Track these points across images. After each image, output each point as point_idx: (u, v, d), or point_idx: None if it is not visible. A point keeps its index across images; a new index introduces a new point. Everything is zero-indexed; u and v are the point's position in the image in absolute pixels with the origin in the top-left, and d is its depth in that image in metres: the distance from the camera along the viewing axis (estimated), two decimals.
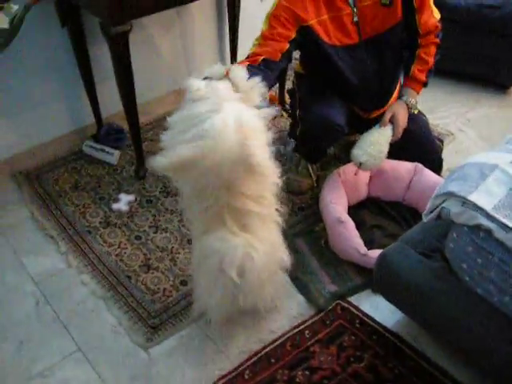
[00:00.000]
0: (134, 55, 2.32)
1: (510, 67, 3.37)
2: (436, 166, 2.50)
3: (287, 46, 2.10)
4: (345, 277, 2.19)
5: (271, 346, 1.97)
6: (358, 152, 2.29)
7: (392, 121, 2.32)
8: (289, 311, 2.09)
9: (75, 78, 2.73)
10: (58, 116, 2.84)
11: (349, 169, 2.40)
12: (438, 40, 2.33)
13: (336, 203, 2.26)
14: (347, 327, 2.02)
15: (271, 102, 3.13)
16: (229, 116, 1.60)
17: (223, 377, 1.89)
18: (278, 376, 1.87)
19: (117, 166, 2.75)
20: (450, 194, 1.65)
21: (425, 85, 2.39)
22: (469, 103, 3.36)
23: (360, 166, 2.29)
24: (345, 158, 2.72)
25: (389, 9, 2.21)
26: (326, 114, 2.23)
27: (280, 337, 2.00)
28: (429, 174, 2.41)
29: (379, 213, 2.43)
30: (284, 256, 1.95)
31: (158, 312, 2.07)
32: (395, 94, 2.49)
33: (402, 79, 2.46)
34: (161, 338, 2.00)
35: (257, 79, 1.76)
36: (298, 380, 1.86)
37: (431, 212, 1.75)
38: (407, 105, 2.36)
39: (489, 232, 1.56)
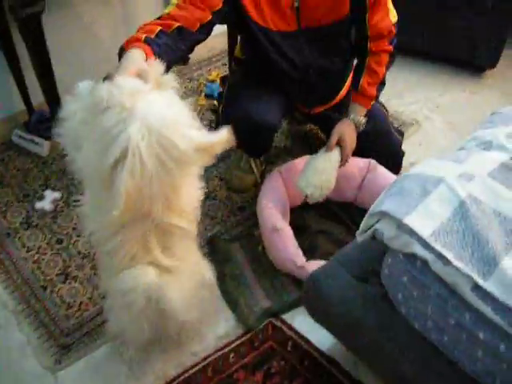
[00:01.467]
0: (63, 39, 1.96)
1: (487, 47, 2.90)
2: (394, 163, 2.17)
3: (209, 17, 1.70)
4: (280, 290, 1.87)
5: (190, 371, 1.68)
6: (302, 183, 1.91)
7: (339, 143, 1.93)
8: (215, 330, 1.78)
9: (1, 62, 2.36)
10: None
11: (293, 166, 2.08)
12: (391, 47, 1.92)
13: (272, 207, 1.93)
14: (277, 350, 1.72)
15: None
16: (142, 122, 1.21)
17: None
18: None
19: (47, 157, 2.38)
20: (384, 214, 1.34)
21: (375, 99, 2.00)
22: (439, 87, 2.95)
23: (306, 197, 1.92)
24: (296, 150, 2.40)
25: (335, 0, 1.82)
26: (249, 110, 1.89)
27: (201, 360, 1.70)
28: (383, 172, 2.08)
29: (327, 215, 2.09)
30: (206, 274, 1.65)
31: (71, 329, 1.77)
32: (343, 92, 2.13)
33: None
34: (71, 359, 1.71)
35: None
36: None
37: (365, 231, 1.45)
38: (355, 124, 1.95)
39: (425, 262, 1.26)
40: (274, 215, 1.91)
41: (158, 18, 1.66)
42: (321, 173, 1.90)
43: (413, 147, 2.45)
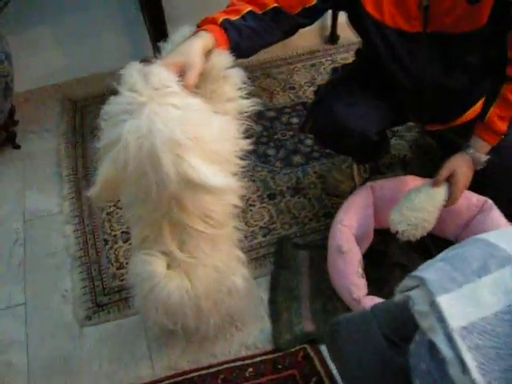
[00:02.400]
0: None
1: None
2: None
3: (314, 0, 1.40)
4: (330, 317, 1.60)
5: (202, 372, 1.52)
6: (395, 217, 1.57)
7: (450, 179, 1.55)
8: (244, 337, 1.59)
9: (138, 14, 2.32)
10: (117, 49, 2.47)
11: (392, 184, 1.76)
12: None
13: (346, 225, 1.64)
14: (298, 382, 1.50)
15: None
16: (145, 123, 1.05)
17: None
18: None
19: None
20: (422, 282, 1.04)
21: (504, 135, 1.54)
22: None
23: (397, 234, 1.59)
24: (415, 165, 2.05)
25: (473, 6, 1.39)
26: (337, 112, 1.58)
27: (217, 364, 1.54)
28: (498, 217, 1.67)
29: (416, 247, 1.75)
30: (237, 281, 1.44)
31: (112, 290, 1.72)
32: (469, 115, 1.68)
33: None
34: (100, 319, 1.66)
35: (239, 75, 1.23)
36: None
37: (403, 292, 1.15)
38: (473, 160, 1.53)
39: (443, 360, 0.95)
40: (343, 234, 1.63)
41: None
42: (419, 210, 1.54)
43: None
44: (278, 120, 2.28)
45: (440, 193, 1.56)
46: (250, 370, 1.53)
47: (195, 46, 1.20)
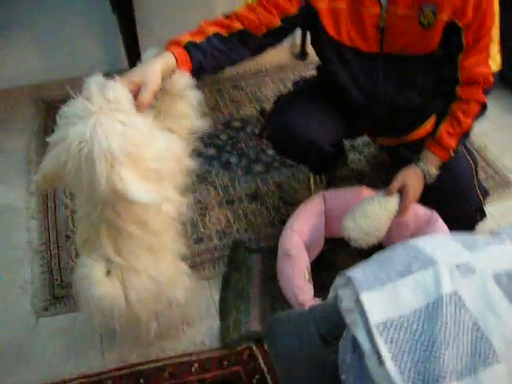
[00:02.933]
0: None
1: None
2: (466, 225, 1.77)
3: (278, 23, 1.48)
4: None
5: (149, 365, 1.55)
6: (348, 224, 1.61)
7: (401, 191, 1.61)
8: (193, 335, 1.63)
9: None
10: (93, 54, 2.52)
11: (342, 194, 1.82)
12: (484, 98, 1.54)
13: (296, 231, 1.69)
14: (242, 378, 1.52)
15: None
16: (89, 130, 1.11)
17: (84, 376, 1.53)
18: None
19: None
20: (349, 280, 1.09)
21: (453, 151, 1.62)
22: None
23: (349, 240, 1.64)
24: (371, 178, 2.12)
25: (426, 31, 1.47)
26: (294, 122, 1.64)
27: (164, 359, 1.57)
28: (442, 228, 1.74)
29: (365, 256, 1.80)
30: (178, 294, 1.47)
31: (70, 284, 1.70)
32: (421, 132, 1.76)
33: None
34: (57, 311, 1.69)
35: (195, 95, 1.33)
36: None
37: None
38: (424, 174, 1.61)
39: (363, 353, 1.00)
40: (292, 239, 1.67)
41: (225, 17, 1.47)
42: (372, 218, 1.60)
43: (504, 210, 2.01)
44: (243, 130, 2.34)
45: (392, 203, 1.62)
46: (196, 365, 1.56)
47: (154, 66, 1.27)
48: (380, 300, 1.01)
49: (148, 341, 1.55)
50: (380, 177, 2.12)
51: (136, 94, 1.23)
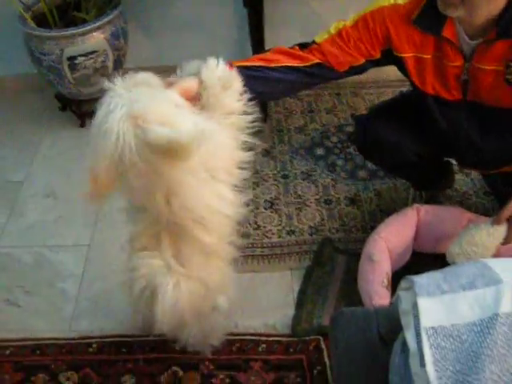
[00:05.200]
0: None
1: None
2: None
3: (362, 61, 1.53)
4: None
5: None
6: (454, 250, 1.61)
7: (509, 220, 1.57)
8: (267, 317, 1.72)
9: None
10: (225, 43, 2.67)
11: (439, 211, 1.82)
12: None
13: (383, 238, 1.73)
14: (303, 367, 1.60)
15: None
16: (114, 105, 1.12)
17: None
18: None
19: None
20: (412, 284, 1.14)
21: None
22: None
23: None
24: (473, 200, 2.09)
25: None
26: (376, 126, 1.70)
27: (234, 334, 1.67)
28: None
29: None
30: (222, 302, 1.49)
31: None
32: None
33: None
34: None
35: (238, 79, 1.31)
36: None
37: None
38: None
39: (408, 353, 1.05)
40: (377, 244, 1.72)
41: (303, 46, 1.52)
42: (479, 246, 1.60)
43: None
44: None
45: (500, 231, 1.60)
46: (264, 345, 1.66)
47: (191, 78, 1.30)
48: (436, 307, 1.05)
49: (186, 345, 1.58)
50: (483, 202, 2.09)
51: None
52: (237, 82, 1.32)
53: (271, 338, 1.69)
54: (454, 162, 1.98)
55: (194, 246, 1.33)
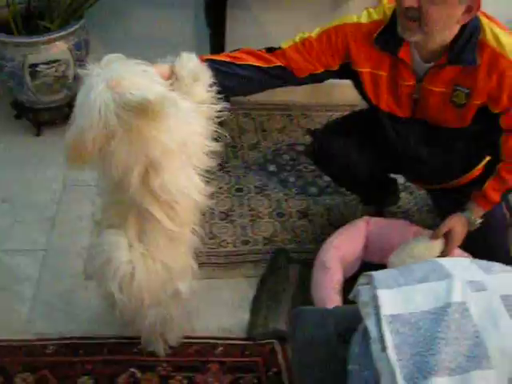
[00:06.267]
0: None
1: None
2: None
3: (321, 71, 1.65)
4: None
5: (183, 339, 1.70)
6: (394, 261, 1.75)
7: (446, 235, 1.72)
8: (224, 322, 1.77)
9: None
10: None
11: (385, 224, 1.93)
12: None
13: (336, 247, 1.82)
14: (259, 369, 1.65)
15: None
16: (93, 82, 1.22)
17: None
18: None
19: None
20: (370, 279, 1.21)
21: (496, 204, 1.72)
22: None
23: None
24: (417, 217, 2.22)
25: (457, 109, 1.61)
26: (331, 141, 1.82)
27: (192, 337, 1.70)
28: None
29: None
30: (183, 288, 1.53)
31: None
32: (462, 180, 1.86)
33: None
34: None
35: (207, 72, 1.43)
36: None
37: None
38: (468, 222, 1.71)
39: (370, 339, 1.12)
40: (330, 253, 1.80)
41: (269, 50, 1.64)
42: (416, 258, 1.71)
43: None
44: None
45: (437, 245, 1.74)
46: (221, 348, 1.70)
47: (164, 65, 1.44)
48: (394, 297, 1.14)
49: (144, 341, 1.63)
50: (425, 218, 2.23)
51: None
52: (206, 75, 1.44)
53: (228, 342, 1.73)
54: (399, 179, 2.12)
55: (159, 229, 1.39)
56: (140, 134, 1.25)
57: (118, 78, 1.22)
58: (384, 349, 1.05)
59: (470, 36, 1.51)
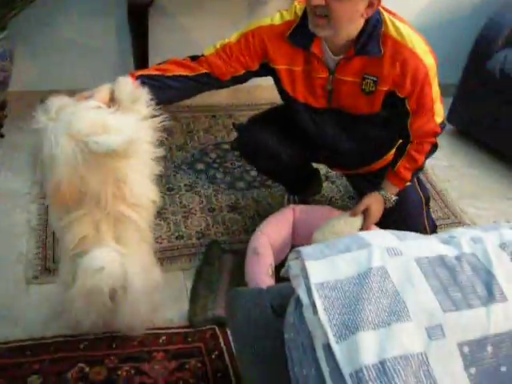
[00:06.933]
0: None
1: None
2: None
3: (242, 72, 1.78)
4: None
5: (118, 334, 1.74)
6: (317, 236, 1.88)
7: (364, 212, 1.88)
8: (165, 313, 1.83)
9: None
10: (106, 68, 2.74)
11: (310, 210, 2.07)
12: (434, 140, 1.83)
13: (265, 234, 1.92)
14: (202, 353, 1.72)
15: None
16: (53, 136, 1.38)
17: (62, 335, 1.72)
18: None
19: None
20: (299, 254, 1.32)
21: (409, 181, 1.90)
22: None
23: None
24: (340, 204, 2.37)
25: (367, 96, 1.76)
26: (256, 133, 1.94)
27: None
28: None
29: None
30: (158, 278, 1.68)
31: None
32: (375, 166, 2.06)
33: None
34: (45, 280, 1.88)
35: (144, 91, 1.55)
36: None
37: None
38: (384, 199, 1.88)
39: (302, 308, 1.22)
40: (260, 239, 1.91)
41: (193, 59, 1.75)
42: (338, 234, 1.86)
43: None
44: (231, 152, 2.61)
45: (357, 221, 1.89)
46: (164, 337, 1.76)
47: (103, 87, 1.55)
48: (321, 267, 1.24)
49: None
50: (347, 204, 2.39)
51: None
52: (143, 95, 1.56)
53: (170, 331, 1.79)
54: (322, 170, 2.26)
55: (131, 230, 1.52)
56: (108, 165, 1.42)
57: (76, 127, 1.36)
58: (315, 312, 1.15)
59: (374, 29, 1.66)
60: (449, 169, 2.72)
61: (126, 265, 1.50)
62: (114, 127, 1.41)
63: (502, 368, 1.12)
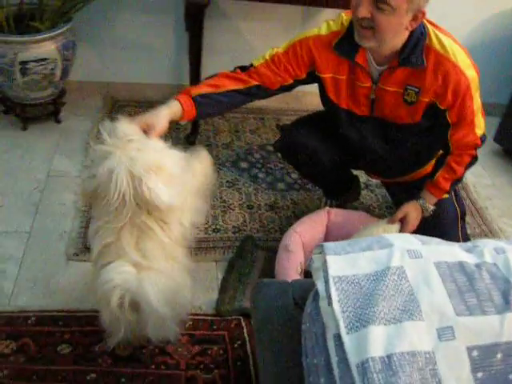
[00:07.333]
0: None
1: None
2: None
3: (291, 81, 1.83)
4: None
5: None
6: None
7: (402, 220, 1.89)
8: (195, 300, 1.86)
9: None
10: (163, 64, 2.92)
11: (345, 213, 2.09)
12: (474, 152, 1.83)
13: (298, 232, 1.97)
14: (225, 342, 1.77)
15: None
16: (116, 164, 1.40)
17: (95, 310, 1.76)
18: None
19: None
20: (322, 248, 1.36)
21: (448, 192, 1.90)
22: None
23: None
24: (377, 212, 2.39)
25: (409, 107, 1.78)
26: (298, 135, 1.97)
27: None
28: None
29: None
30: (188, 295, 1.63)
31: None
32: (414, 175, 2.06)
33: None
34: (84, 258, 1.96)
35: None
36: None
37: None
38: (422, 209, 1.89)
39: (318, 297, 1.26)
40: (293, 237, 1.95)
41: (243, 69, 1.81)
42: None
43: None
44: (275, 154, 2.66)
45: (394, 229, 1.90)
46: (190, 323, 1.82)
47: (162, 112, 1.60)
48: (341, 262, 1.27)
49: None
50: (384, 214, 2.40)
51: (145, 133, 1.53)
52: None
53: (197, 317, 1.85)
54: (362, 178, 2.27)
55: (156, 244, 1.51)
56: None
57: (140, 170, 1.40)
58: (330, 303, 1.18)
59: (418, 41, 1.68)
60: (492, 187, 2.69)
61: (143, 279, 1.45)
62: (168, 172, 1.46)
63: (510, 376, 1.13)
